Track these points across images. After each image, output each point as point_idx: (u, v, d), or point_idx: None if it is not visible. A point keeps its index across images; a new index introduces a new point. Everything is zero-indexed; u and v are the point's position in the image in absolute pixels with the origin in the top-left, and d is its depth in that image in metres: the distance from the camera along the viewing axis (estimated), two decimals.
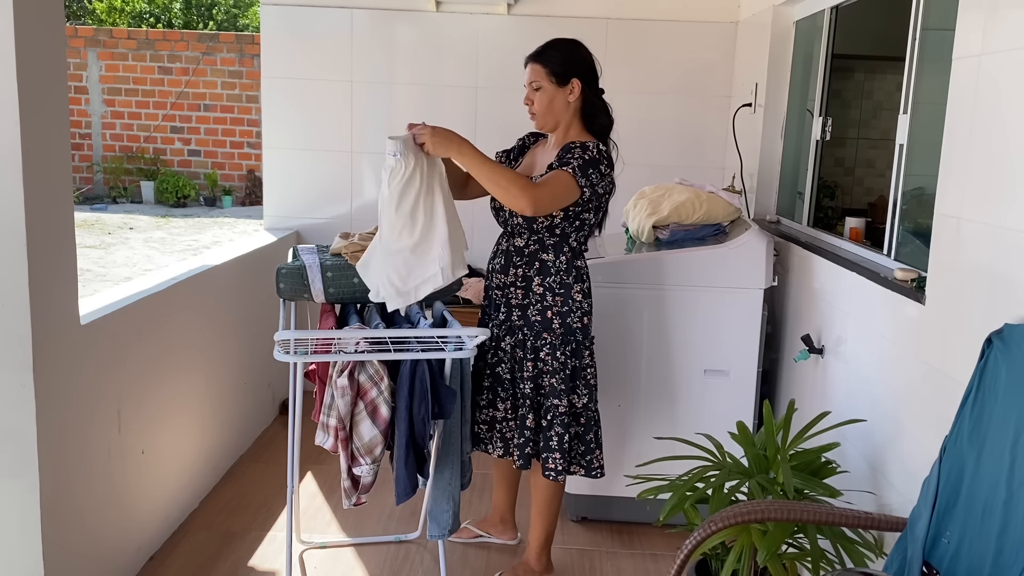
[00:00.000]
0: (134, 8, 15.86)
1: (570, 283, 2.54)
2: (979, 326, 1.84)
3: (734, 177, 3.97)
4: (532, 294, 2.55)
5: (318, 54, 4.30)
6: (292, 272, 2.58)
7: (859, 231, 3.10)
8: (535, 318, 2.54)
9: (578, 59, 2.53)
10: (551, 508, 2.73)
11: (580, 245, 2.57)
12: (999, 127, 1.83)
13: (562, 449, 2.57)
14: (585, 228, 2.55)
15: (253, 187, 12.96)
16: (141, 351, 2.73)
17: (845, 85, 4.52)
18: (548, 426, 2.57)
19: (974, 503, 1.64)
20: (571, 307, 2.54)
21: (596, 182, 2.44)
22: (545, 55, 2.51)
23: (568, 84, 2.50)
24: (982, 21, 1.92)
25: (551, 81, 2.49)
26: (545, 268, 2.54)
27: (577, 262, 2.56)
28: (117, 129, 13.11)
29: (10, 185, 2.01)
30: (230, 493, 3.35)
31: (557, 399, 2.55)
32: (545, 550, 2.78)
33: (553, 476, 2.59)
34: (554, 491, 2.71)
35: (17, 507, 2.15)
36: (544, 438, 2.58)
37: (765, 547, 1.98)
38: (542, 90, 2.50)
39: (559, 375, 2.54)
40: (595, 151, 2.46)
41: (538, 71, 2.50)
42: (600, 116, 2.56)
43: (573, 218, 2.49)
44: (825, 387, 2.82)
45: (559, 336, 2.54)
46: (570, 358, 2.55)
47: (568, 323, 2.54)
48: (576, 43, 2.56)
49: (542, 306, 2.54)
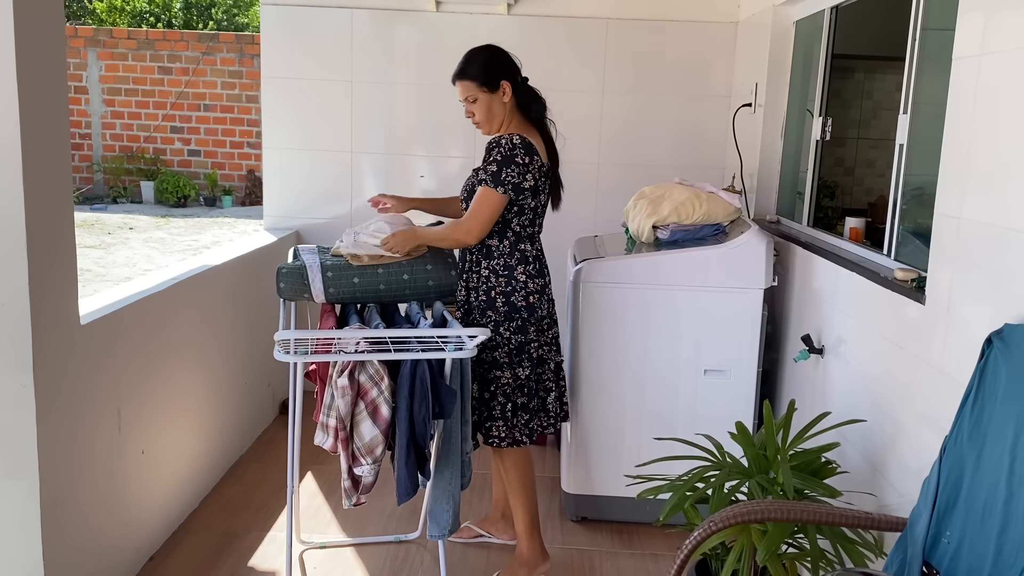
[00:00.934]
0: (134, 8, 15.87)
1: (513, 264, 2.68)
2: (979, 326, 1.84)
3: (734, 177, 3.97)
4: (479, 276, 2.70)
5: (318, 54, 4.30)
6: (292, 272, 2.58)
7: (859, 231, 3.10)
8: (481, 298, 2.69)
9: (499, 62, 2.68)
10: (525, 487, 2.77)
11: (524, 229, 2.70)
12: (999, 127, 1.83)
13: (504, 417, 2.70)
14: (527, 212, 2.68)
15: (253, 187, 12.96)
16: (141, 351, 2.73)
17: (845, 85, 4.52)
18: (491, 396, 2.70)
19: (974, 503, 1.64)
20: (515, 287, 2.67)
21: (515, 178, 2.58)
22: (468, 70, 2.66)
23: (499, 87, 2.65)
24: (982, 21, 1.92)
25: (483, 91, 2.65)
26: (489, 252, 2.69)
27: (521, 245, 2.70)
28: (117, 129, 13.12)
29: (10, 185, 2.01)
30: (230, 493, 3.35)
31: (499, 371, 2.68)
32: (534, 536, 2.79)
33: (496, 443, 2.70)
34: (523, 468, 2.77)
35: (17, 507, 2.15)
36: (487, 408, 2.71)
37: (765, 547, 1.98)
38: (478, 101, 2.66)
39: (502, 349, 2.67)
40: (507, 146, 2.60)
41: (468, 86, 2.66)
42: (534, 105, 2.71)
43: (511, 204, 2.64)
44: (825, 387, 2.82)
45: (502, 314, 2.67)
46: (515, 334, 2.68)
47: (512, 302, 2.67)
48: (491, 48, 2.71)
49: (487, 287, 2.68)
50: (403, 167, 4.37)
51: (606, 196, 4.32)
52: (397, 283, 2.63)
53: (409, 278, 2.66)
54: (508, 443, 2.71)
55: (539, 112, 2.72)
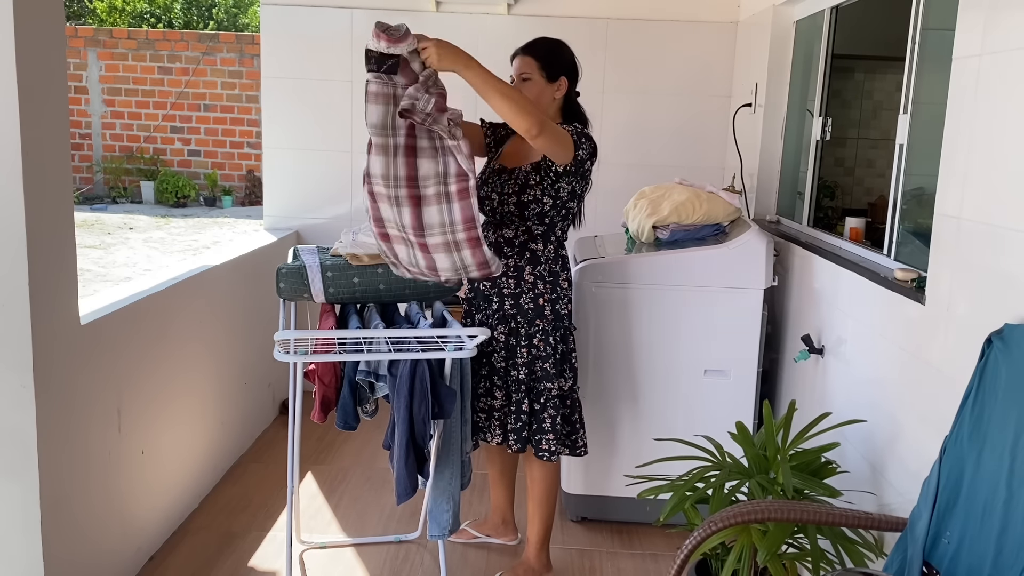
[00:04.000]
0: (134, 8, 15.86)
1: (558, 271, 2.61)
2: (979, 326, 1.84)
3: (734, 177, 3.97)
4: (524, 283, 2.59)
5: (318, 54, 4.30)
6: (292, 272, 2.58)
7: (859, 231, 3.10)
8: (528, 306, 2.59)
9: (567, 58, 2.61)
10: (548, 500, 2.75)
11: (564, 234, 2.65)
12: (999, 127, 1.83)
13: (555, 430, 2.64)
14: (569, 217, 2.63)
15: (253, 187, 12.96)
16: (141, 351, 2.73)
17: (845, 85, 4.52)
18: (541, 409, 2.63)
19: (974, 503, 1.64)
20: (559, 294, 2.61)
21: (584, 156, 2.50)
22: (537, 49, 2.56)
23: (557, 80, 2.57)
24: (982, 21, 1.92)
25: (542, 75, 2.55)
26: (535, 257, 2.59)
27: (562, 251, 2.65)
28: (117, 129, 13.11)
29: (10, 185, 2.01)
30: (230, 493, 3.35)
31: (550, 383, 2.61)
32: (544, 547, 2.79)
33: (547, 456, 2.65)
34: (551, 482, 2.74)
35: (17, 507, 2.15)
36: (537, 420, 2.64)
37: (765, 547, 1.98)
38: (531, 81, 2.54)
39: (551, 360, 2.61)
40: (580, 132, 2.52)
41: (529, 63, 2.54)
42: (578, 117, 2.64)
43: (560, 207, 2.56)
44: (825, 387, 2.82)
45: (551, 323, 2.60)
46: (559, 343, 2.63)
47: (557, 310, 2.61)
48: (564, 43, 2.64)
49: (534, 294, 2.59)
50: None
51: (606, 196, 4.31)
52: (397, 283, 2.63)
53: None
54: (556, 457, 2.66)
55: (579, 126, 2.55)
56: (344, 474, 3.55)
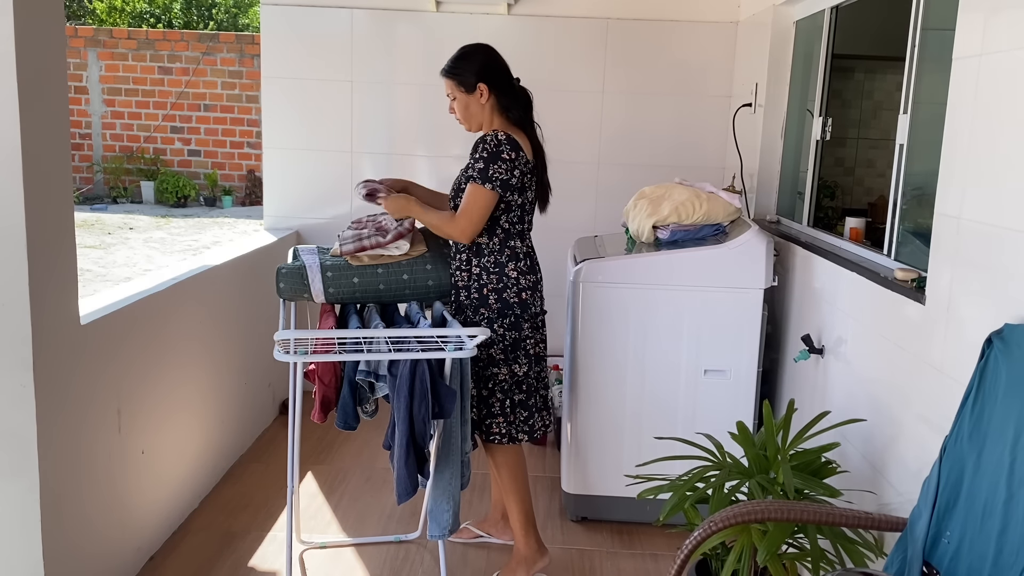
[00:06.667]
0: (134, 8, 15.86)
1: (504, 261, 2.68)
2: (979, 326, 1.84)
3: (734, 177, 3.97)
4: (471, 275, 2.70)
5: (318, 54, 4.30)
6: (292, 272, 2.58)
7: (859, 231, 3.10)
8: (474, 295, 2.69)
9: (480, 65, 2.68)
10: (517, 485, 2.78)
11: (513, 226, 2.69)
12: (999, 127, 1.83)
13: (504, 414, 2.71)
14: (515, 209, 2.67)
15: (253, 187, 12.97)
16: (141, 351, 2.73)
17: (845, 85, 4.52)
18: (489, 394, 2.71)
19: (974, 503, 1.64)
20: (506, 283, 2.67)
21: (503, 174, 2.58)
22: (452, 69, 2.68)
23: (475, 90, 2.65)
24: (982, 21, 1.92)
25: (460, 90, 2.67)
26: (479, 250, 2.69)
27: (511, 242, 2.69)
28: (117, 129, 13.12)
29: (10, 185, 2.01)
30: (230, 493, 3.35)
31: (496, 368, 2.69)
32: (529, 532, 2.80)
33: (497, 440, 2.71)
34: (514, 467, 2.77)
35: (17, 507, 2.15)
36: (487, 405, 2.72)
37: (765, 547, 1.98)
38: (457, 99, 2.69)
39: (497, 346, 2.68)
40: (492, 143, 2.59)
41: (448, 84, 2.69)
42: (514, 108, 2.70)
43: (499, 202, 2.64)
44: (825, 387, 2.82)
45: (495, 311, 2.67)
46: (509, 330, 2.68)
47: (504, 298, 2.68)
48: (479, 49, 2.71)
49: (479, 284, 2.68)
50: (403, 167, 4.37)
51: (606, 196, 4.33)
52: (397, 283, 2.63)
53: (409, 278, 2.66)
54: (508, 440, 2.72)
55: (519, 116, 2.70)
56: (344, 474, 3.55)
